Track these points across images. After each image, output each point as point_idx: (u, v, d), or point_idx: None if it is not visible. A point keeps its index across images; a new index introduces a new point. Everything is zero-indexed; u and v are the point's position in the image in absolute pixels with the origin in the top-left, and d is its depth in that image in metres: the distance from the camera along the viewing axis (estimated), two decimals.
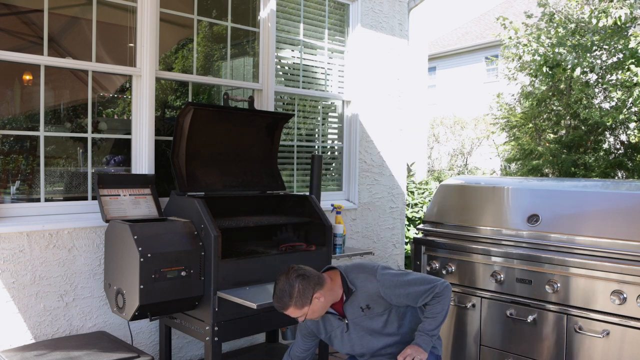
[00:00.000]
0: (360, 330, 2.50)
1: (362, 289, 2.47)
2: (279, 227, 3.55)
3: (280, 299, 2.37)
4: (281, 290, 2.37)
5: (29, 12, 3.61)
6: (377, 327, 2.47)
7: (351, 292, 2.48)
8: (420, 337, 2.43)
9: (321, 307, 2.42)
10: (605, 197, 2.74)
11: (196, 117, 3.16)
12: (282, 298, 2.36)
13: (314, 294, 2.37)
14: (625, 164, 8.87)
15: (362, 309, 2.47)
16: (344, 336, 2.53)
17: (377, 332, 2.48)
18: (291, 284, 2.35)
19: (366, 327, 2.48)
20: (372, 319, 2.47)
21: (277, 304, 2.39)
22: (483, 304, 2.91)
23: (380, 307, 2.46)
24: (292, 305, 2.35)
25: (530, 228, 2.81)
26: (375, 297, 2.45)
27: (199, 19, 3.85)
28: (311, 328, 2.63)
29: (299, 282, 2.36)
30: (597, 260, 2.52)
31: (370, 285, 2.45)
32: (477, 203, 3.11)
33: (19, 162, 3.84)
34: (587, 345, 2.54)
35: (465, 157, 15.43)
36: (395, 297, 2.43)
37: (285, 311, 2.38)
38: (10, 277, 2.92)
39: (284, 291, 2.36)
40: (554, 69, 8.35)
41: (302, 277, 2.37)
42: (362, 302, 2.47)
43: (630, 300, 2.40)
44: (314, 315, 2.42)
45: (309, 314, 2.40)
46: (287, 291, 2.35)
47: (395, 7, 5.09)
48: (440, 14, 35.08)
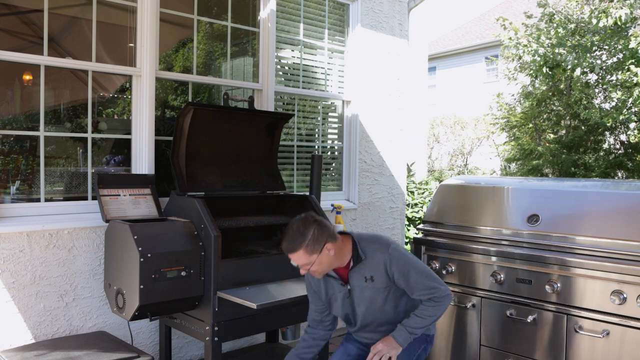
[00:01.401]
0: (361, 299, 2.46)
1: (371, 260, 2.42)
2: (279, 227, 3.55)
3: (293, 241, 2.29)
4: (295, 232, 2.30)
5: (29, 12, 3.61)
6: (377, 301, 2.44)
7: (360, 260, 2.42)
8: (400, 330, 2.40)
9: (328, 261, 2.36)
10: (605, 197, 2.74)
11: (196, 117, 3.16)
12: (294, 240, 2.29)
13: (327, 243, 2.31)
14: (625, 164, 8.87)
15: (366, 279, 2.42)
16: (345, 301, 2.50)
17: (376, 306, 2.45)
18: (307, 227, 2.30)
19: (367, 298, 2.45)
20: (374, 291, 2.43)
21: (287, 245, 2.31)
22: (483, 304, 2.91)
23: (382, 283, 2.41)
24: (303, 249, 2.28)
25: (530, 228, 2.81)
26: (380, 271, 2.40)
27: (198, 19, 3.85)
28: (314, 287, 2.57)
29: (315, 227, 2.30)
30: (597, 260, 2.52)
31: (379, 258, 2.40)
32: (477, 203, 3.11)
33: (19, 162, 3.84)
34: (587, 345, 2.54)
35: (465, 157, 15.43)
36: (398, 276, 2.38)
37: (294, 254, 2.30)
38: (10, 277, 2.92)
39: (298, 233, 2.29)
40: (554, 70, 8.35)
41: (318, 223, 2.33)
42: (367, 273, 2.42)
43: (630, 300, 2.40)
44: (319, 268, 2.35)
45: (314, 265, 2.32)
46: (302, 233, 2.29)
47: (395, 7, 5.09)
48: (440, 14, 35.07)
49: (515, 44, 8.59)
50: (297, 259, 2.32)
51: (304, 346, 2.61)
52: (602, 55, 8.22)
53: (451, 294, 2.43)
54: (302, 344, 2.62)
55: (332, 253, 2.35)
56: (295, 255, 2.31)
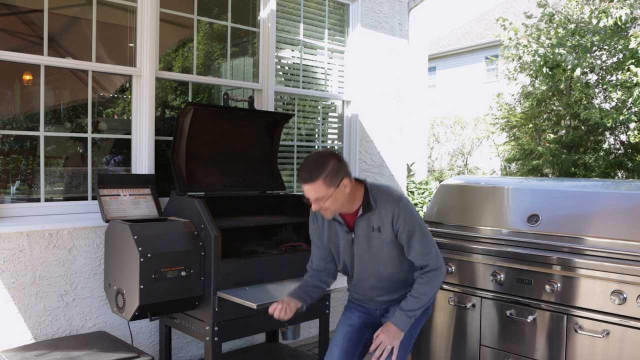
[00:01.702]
0: (364, 249, 2.42)
1: (381, 210, 2.36)
2: (279, 227, 3.55)
3: (311, 171, 2.23)
4: (314, 163, 2.25)
5: (29, 12, 3.61)
6: (381, 253, 2.40)
7: (370, 209, 2.37)
8: (399, 316, 2.38)
9: (342, 199, 2.30)
10: (605, 197, 2.74)
11: (196, 117, 3.16)
12: (313, 170, 2.23)
13: (344, 179, 2.27)
14: (625, 164, 8.87)
15: (373, 229, 2.38)
16: (346, 250, 2.46)
17: (379, 258, 2.41)
18: (327, 159, 2.25)
19: (372, 248, 2.41)
20: (379, 243, 2.39)
21: (306, 175, 2.24)
22: (483, 304, 2.91)
23: (388, 236, 2.37)
24: (321, 180, 2.22)
25: (530, 228, 2.81)
26: (388, 223, 2.35)
27: (198, 19, 3.85)
28: (318, 232, 2.53)
29: (335, 160, 2.26)
30: (597, 260, 2.52)
31: (389, 210, 2.35)
32: (477, 203, 3.11)
33: (19, 162, 3.84)
34: (587, 345, 2.54)
35: (466, 157, 15.42)
36: (401, 232, 2.34)
37: (312, 184, 2.23)
38: (10, 277, 2.92)
39: (318, 163, 2.24)
40: (554, 70, 8.35)
41: (338, 158, 2.29)
42: (375, 223, 2.37)
43: (630, 300, 2.40)
44: (332, 205, 2.28)
45: (329, 200, 2.26)
46: (321, 164, 2.24)
47: (395, 7, 5.09)
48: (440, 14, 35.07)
49: (515, 44, 8.58)
50: (313, 190, 2.24)
51: (312, 285, 2.54)
52: (602, 55, 8.22)
53: (444, 268, 2.40)
54: (308, 283, 2.55)
55: (348, 190, 2.30)
56: (312, 185, 2.23)
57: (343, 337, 2.55)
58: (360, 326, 2.57)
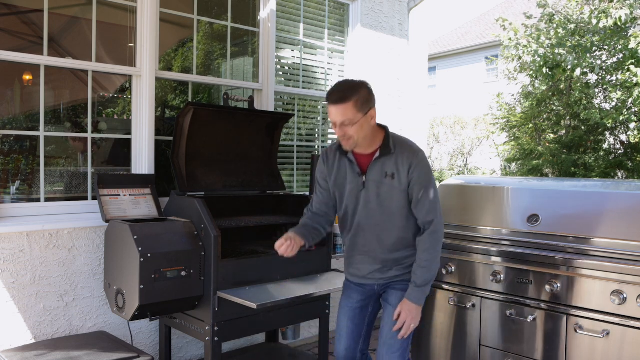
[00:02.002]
0: (373, 195, 2.37)
1: (398, 156, 2.34)
2: (279, 227, 3.55)
3: (343, 92, 2.22)
4: (346, 86, 2.25)
5: (29, 12, 3.61)
6: (391, 201, 2.36)
7: (387, 152, 2.34)
8: (414, 292, 2.36)
9: (365, 131, 2.27)
10: (605, 197, 2.74)
11: (196, 117, 3.16)
12: (345, 91, 2.22)
13: (372, 109, 2.27)
14: (625, 164, 8.87)
15: (387, 174, 2.34)
16: (353, 193, 2.41)
17: (385, 208, 2.37)
18: (360, 84, 2.26)
19: (379, 195, 2.36)
20: (390, 189, 2.34)
21: (337, 95, 2.22)
22: (483, 304, 2.91)
23: (401, 184, 2.33)
24: (353, 102, 2.20)
25: (530, 228, 2.80)
26: (404, 171, 2.32)
27: (199, 19, 3.85)
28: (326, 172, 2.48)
29: (366, 88, 2.27)
30: (597, 260, 2.52)
31: (407, 158, 2.33)
32: (477, 203, 3.11)
33: (19, 162, 3.84)
34: (587, 345, 2.53)
35: (466, 157, 15.42)
36: (414, 183, 2.32)
37: (343, 104, 2.20)
38: (10, 277, 2.92)
39: (351, 87, 2.24)
40: (554, 70, 8.35)
41: (368, 88, 2.28)
42: (389, 169, 2.34)
43: (630, 300, 2.40)
44: (357, 133, 2.24)
45: (355, 127, 2.23)
46: (354, 87, 2.23)
47: (395, 7, 5.09)
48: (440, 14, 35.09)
49: (515, 45, 8.58)
50: (342, 112, 2.21)
51: (311, 227, 2.49)
52: (602, 55, 8.22)
53: (442, 229, 2.41)
54: (308, 224, 2.50)
55: (373, 123, 2.29)
56: (343, 106, 2.20)
57: (347, 319, 2.53)
58: (361, 305, 2.53)
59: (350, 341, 2.51)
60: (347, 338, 2.51)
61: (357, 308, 2.53)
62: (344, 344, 2.51)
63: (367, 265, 2.48)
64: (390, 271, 2.47)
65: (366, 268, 2.49)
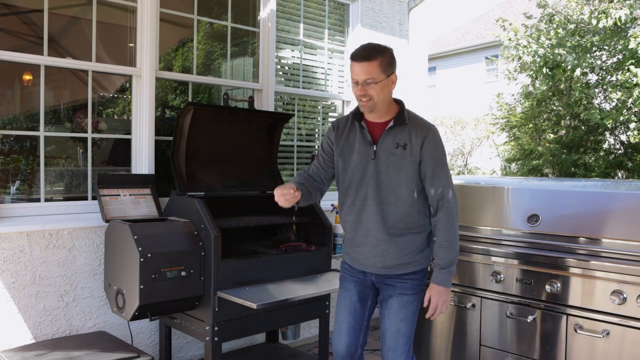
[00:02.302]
0: (383, 166, 2.33)
1: (412, 128, 2.33)
2: (279, 227, 3.56)
3: (370, 50, 2.27)
4: (373, 45, 2.31)
5: (29, 12, 3.61)
6: (397, 174, 2.31)
7: (402, 122, 2.33)
8: (440, 275, 2.34)
9: (386, 95, 2.30)
10: (605, 197, 2.74)
11: (196, 117, 3.16)
12: (372, 50, 2.27)
13: (394, 74, 2.32)
14: (625, 164, 8.87)
15: (398, 145, 2.31)
16: (361, 163, 2.36)
17: (394, 180, 2.32)
18: (385, 48, 2.32)
19: (389, 166, 2.32)
20: (401, 160, 2.31)
21: (363, 52, 2.27)
22: (483, 304, 2.91)
23: (413, 155, 2.30)
24: (378, 61, 2.24)
25: (530, 228, 2.81)
26: (417, 143, 2.30)
27: (198, 19, 3.85)
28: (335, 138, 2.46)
29: (391, 52, 2.33)
30: (597, 260, 2.52)
31: (421, 131, 2.32)
32: (477, 203, 3.11)
33: (19, 162, 3.84)
34: (587, 345, 2.54)
35: (466, 157, 15.42)
36: (429, 157, 2.31)
37: (369, 62, 2.24)
38: (10, 277, 2.92)
39: (376, 48, 2.30)
40: (554, 70, 8.36)
41: (392, 53, 2.35)
42: (401, 139, 2.32)
43: (630, 300, 2.40)
44: (377, 95, 2.26)
45: (376, 88, 2.25)
46: (380, 49, 2.29)
47: (395, 7, 5.09)
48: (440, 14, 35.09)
49: (515, 45, 8.58)
50: (367, 70, 2.24)
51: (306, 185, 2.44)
52: (602, 55, 8.22)
53: (457, 207, 2.37)
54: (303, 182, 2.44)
55: (393, 89, 2.33)
56: (368, 64, 2.24)
57: (347, 313, 2.48)
58: (360, 298, 2.48)
59: (352, 337, 2.47)
60: (347, 334, 2.47)
61: (356, 301, 2.47)
62: (345, 340, 2.46)
63: (368, 247, 2.40)
64: (388, 256, 2.38)
65: (366, 250, 2.41)
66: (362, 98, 2.30)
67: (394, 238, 2.37)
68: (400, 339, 2.39)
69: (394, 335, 2.39)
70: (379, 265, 2.41)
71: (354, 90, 2.33)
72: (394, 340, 2.39)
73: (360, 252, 2.44)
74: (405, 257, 2.39)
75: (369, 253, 2.41)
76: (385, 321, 2.43)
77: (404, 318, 2.40)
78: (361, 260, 2.45)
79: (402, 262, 2.39)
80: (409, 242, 2.38)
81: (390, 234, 2.36)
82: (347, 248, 2.53)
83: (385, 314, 2.44)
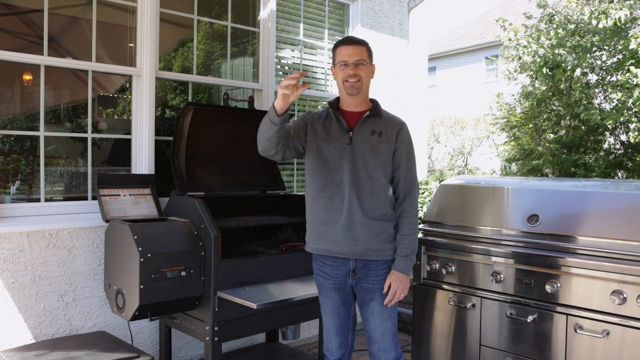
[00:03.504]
0: (359, 150, 2.42)
1: (387, 120, 2.50)
2: (279, 227, 3.56)
3: (359, 38, 2.51)
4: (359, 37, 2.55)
5: (29, 12, 3.61)
6: (376, 158, 2.42)
7: (377, 114, 2.49)
8: (402, 262, 2.42)
9: (368, 81, 2.48)
10: (605, 197, 2.74)
11: (196, 117, 3.16)
12: (361, 39, 2.51)
13: (374, 66, 2.52)
14: (625, 164, 8.86)
15: (374, 132, 2.45)
16: (337, 148, 2.43)
17: (369, 162, 2.41)
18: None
19: (365, 151, 2.41)
20: (377, 146, 2.42)
21: (354, 38, 2.49)
22: (483, 304, 2.91)
23: (389, 141, 2.44)
24: (366, 46, 2.46)
25: (530, 228, 2.80)
26: (392, 134, 2.46)
27: (199, 19, 3.85)
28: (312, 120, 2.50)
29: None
30: (597, 260, 2.52)
31: (396, 124, 2.50)
32: (477, 203, 3.11)
33: (19, 162, 3.84)
34: (587, 345, 2.54)
35: (466, 157, 15.42)
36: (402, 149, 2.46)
37: (360, 46, 2.43)
38: (10, 277, 2.92)
39: (363, 39, 2.53)
40: (554, 70, 8.35)
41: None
42: (377, 127, 2.46)
43: (630, 300, 2.40)
44: (364, 77, 2.43)
45: (365, 70, 2.42)
46: (365, 41, 2.51)
47: (395, 7, 5.09)
48: (440, 14, 35.08)
49: (515, 45, 8.58)
50: (359, 51, 2.42)
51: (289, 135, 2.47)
52: (602, 55, 8.22)
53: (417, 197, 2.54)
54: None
55: (372, 78, 2.51)
56: (360, 47, 2.43)
57: (332, 317, 2.53)
58: (343, 302, 2.52)
59: (341, 337, 2.56)
60: (336, 335, 2.55)
61: (340, 305, 2.53)
62: (335, 341, 2.56)
63: (340, 229, 2.40)
64: (360, 239, 2.40)
65: (338, 232, 2.40)
66: (351, 79, 2.42)
67: (368, 221, 2.41)
68: (389, 337, 2.48)
69: (382, 336, 2.47)
70: (352, 248, 2.41)
71: (341, 73, 2.44)
72: (382, 340, 2.47)
73: (332, 236, 2.43)
74: (377, 243, 2.43)
75: (340, 236, 2.41)
76: (370, 324, 2.49)
77: (389, 317, 2.48)
78: (332, 246, 2.43)
79: (374, 247, 2.42)
80: (382, 228, 2.44)
81: (366, 216, 2.41)
82: (316, 239, 2.49)
83: (369, 317, 2.49)
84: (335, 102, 2.53)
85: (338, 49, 2.45)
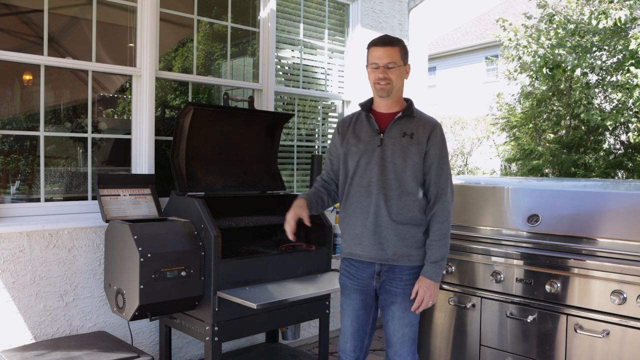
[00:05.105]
0: (389, 153, 2.36)
1: (420, 121, 2.42)
2: (279, 227, 3.55)
3: (392, 38, 2.42)
4: (391, 36, 2.47)
5: (29, 12, 3.61)
6: (404, 163, 2.35)
7: (410, 114, 2.42)
8: (431, 268, 2.34)
9: (400, 83, 2.43)
10: (605, 197, 2.74)
11: (196, 117, 3.16)
12: (393, 38, 2.42)
13: (409, 65, 2.47)
14: (625, 164, 8.87)
15: (405, 134, 2.38)
16: (367, 151, 2.39)
17: (399, 166, 2.35)
18: (402, 40, 2.48)
19: (395, 154, 2.36)
20: (408, 147, 2.35)
21: (385, 38, 2.41)
22: (483, 304, 2.91)
23: (420, 143, 2.36)
24: (399, 47, 2.40)
25: (530, 228, 2.81)
26: (424, 135, 2.38)
27: (199, 19, 3.85)
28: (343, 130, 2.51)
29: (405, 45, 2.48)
30: (597, 260, 2.52)
31: (429, 125, 2.41)
32: (477, 203, 3.11)
33: (19, 162, 3.83)
34: (587, 345, 2.54)
35: (466, 157, 15.42)
36: (434, 150, 2.37)
37: (392, 47, 2.37)
38: (10, 277, 2.92)
39: (397, 38, 2.45)
40: (554, 70, 8.36)
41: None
42: (408, 129, 2.39)
43: (630, 300, 2.40)
44: (395, 80, 2.38)
45: (396, 72, 2.38)
46: (399, 39, 2.44)
47: (395, 7, 5.09)
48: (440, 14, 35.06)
49: (515, 45, 8.58)
50: (390, 54, 2.36)
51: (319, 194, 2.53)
52: (602, 55, 8.22)
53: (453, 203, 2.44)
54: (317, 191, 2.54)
55: (406, 79, 2.47)
56: (391, 49, 2.37)
57: (351, 319, 2.49)
58: (364, 305, 2.48)
59: (357, 341, 2.50)
60: (352, 338, 2.49)
61: (359, 308, 2.48)
62: (350, 344, 2.50)
63: (368, 233, 2.39)
64: (387, 243, 2.37)
65: (366, 237, 2.39)
66: (381, 81, 2.38)
67: (394, 225, 2.36)
68: (406, 343, 2.42)
69: (400, 341, 2.42)
70: (378, 252, 2.39)
71: (372, 75, 2.41)
72: (400, 345, 2.42)
73: (360, 240, 2.42)
74: (403, 248, 2.37)
75: (369, 240, 2.40)
76: (390, 327, 2.45)
77: (408, 323, 2.42)
78: (359, 250, 2.43)
79: (400, 252, 2.37)
80: (409, 233, 2.38)
81: (392, 220, 2.36)
82: (346, 241, 2.51)
83: (389, 320, 2.45)
84: (367, 103, 2.50)
85: (370, 49, 2.41)
